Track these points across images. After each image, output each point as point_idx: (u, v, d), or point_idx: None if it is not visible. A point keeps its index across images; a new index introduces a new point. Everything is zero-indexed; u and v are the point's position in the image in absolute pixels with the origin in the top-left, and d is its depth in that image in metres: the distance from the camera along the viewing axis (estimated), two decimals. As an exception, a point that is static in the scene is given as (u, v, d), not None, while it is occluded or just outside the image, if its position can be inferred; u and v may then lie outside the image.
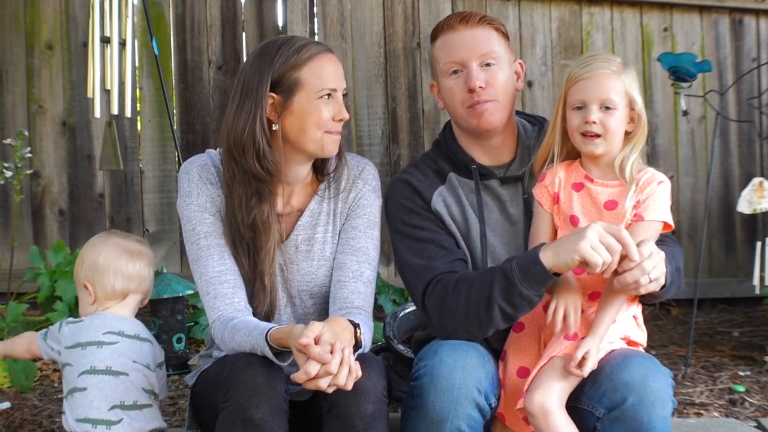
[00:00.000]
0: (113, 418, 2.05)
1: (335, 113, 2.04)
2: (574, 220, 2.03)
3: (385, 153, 4.27)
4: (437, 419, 1.88)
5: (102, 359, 2.09)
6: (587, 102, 1.99)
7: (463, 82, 2.12)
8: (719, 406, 2.96)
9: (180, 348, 3.31)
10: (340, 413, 1.83)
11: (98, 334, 2.12)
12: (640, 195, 1.99)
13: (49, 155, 4.15)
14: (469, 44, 2.12)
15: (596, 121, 1.98)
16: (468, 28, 2.14)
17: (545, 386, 1.91)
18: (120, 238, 2.27)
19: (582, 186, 2.05)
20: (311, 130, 2.03)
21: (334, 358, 1.71)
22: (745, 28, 4.47)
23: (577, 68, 2.02)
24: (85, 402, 2.07)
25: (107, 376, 2.08)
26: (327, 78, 2.03)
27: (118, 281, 2.19)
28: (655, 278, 1.87)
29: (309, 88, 2.02)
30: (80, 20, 4.11)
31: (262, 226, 2.05)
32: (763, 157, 4.47)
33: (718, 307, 4.38)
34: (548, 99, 4.35)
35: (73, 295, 3.37)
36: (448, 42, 2.16)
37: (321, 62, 2.04)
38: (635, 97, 2.00)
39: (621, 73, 1.99)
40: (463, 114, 2.15)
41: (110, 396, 2.07)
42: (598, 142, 2.00)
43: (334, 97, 2.04)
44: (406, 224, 2.16)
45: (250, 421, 1.79)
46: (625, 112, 2.00)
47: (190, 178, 2.11)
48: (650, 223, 1.99)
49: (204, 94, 4.22)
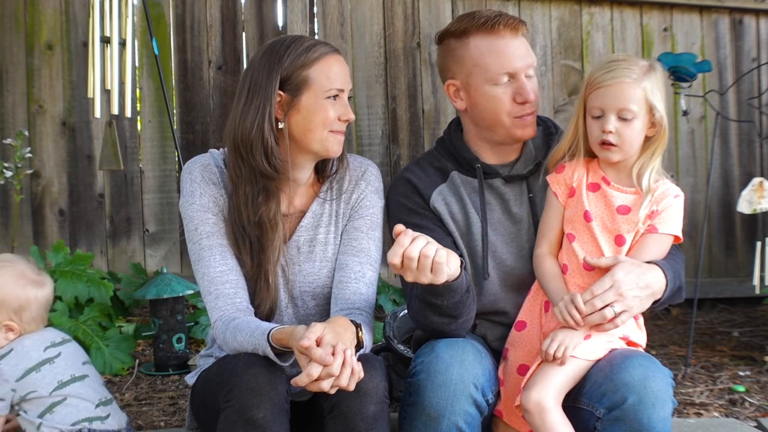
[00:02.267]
0: (102, 414, 2.10)
1: (341, 114, 2.05)
2: (587, 216, 2.03)
3: (385, 153, 4.27)
4: (434, 415, 1.89)
5: (62, 372, 2.12)
6: (605, 110, 1.99)
7: (513, 92, 2.10)
8: (719, 406, 2.96)
9: (180, 348, 3.31)
10: (342, 414, 1.83)
11: (40, 352, 2.14)
12: (656, 206, 2.01)
13: (49, 155, 4.15)
14: (522, 54, 2.11)
15: (613, 131, 1.98)
16: (515, 36, 2.11)
17: (542, 384, 1.92)
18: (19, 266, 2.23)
19: (598, 187, 2.06)
20: (317, 129, 2.03)
21: (336, 359, 1.70)
22: (745, 28, 4.47)
23: (598, 73, 2.01)
24: (72, 409, 2.09)
25: (77, 383, 2.13)
26: (335, 78, 2.04)
27: (33, 311, 2.18)
28: (622, 310, 1.92)
29: (317, 87, 2.02)
30: (80, 20, 4.11)
31: (269, 224, 2.06)
32: (763, 157, 4.47)
33: (718, 307, 4.38)
34: (548, 99, 4.34)
35: (73, 295, 3.38)
36: (496, 47, 2.09)
37: (330, 62, 2.05)
38: (655, 104, 1.99)
39: (642, 80, 1.98)
40: (506, 123, 2.13)
41: (91, 397, 2.13)
42: (614, 150, 2.01)
43: (340, 97, 2.05)
44: (405, 223, 2.15)
45: (251, 421, 1.79)
46: (645, 119, 2.00)
47: (193, 178, 2.11)
48: (662, 237, 2.02)
49: (204, 94, 4.21)
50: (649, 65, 2.02)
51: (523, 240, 2.17)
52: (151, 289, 3.29)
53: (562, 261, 2.08)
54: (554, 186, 2.09)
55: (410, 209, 2.17)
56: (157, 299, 3.27)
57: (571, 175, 2.08)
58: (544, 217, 2.13)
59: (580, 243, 2.04)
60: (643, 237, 2.01)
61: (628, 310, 1.94)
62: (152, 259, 4.20)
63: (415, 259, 1.78)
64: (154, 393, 3.11)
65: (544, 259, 2.09)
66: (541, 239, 2.12)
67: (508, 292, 2.16)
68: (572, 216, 2.06)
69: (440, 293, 1.89)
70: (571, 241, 2.05)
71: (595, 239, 2.02)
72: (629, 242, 2.02)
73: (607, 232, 2.03)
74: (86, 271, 3.46)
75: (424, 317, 1.98)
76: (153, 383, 3.22)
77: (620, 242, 2.02)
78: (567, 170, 2.09)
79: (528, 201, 2.18)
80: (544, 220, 2.13)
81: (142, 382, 3.24)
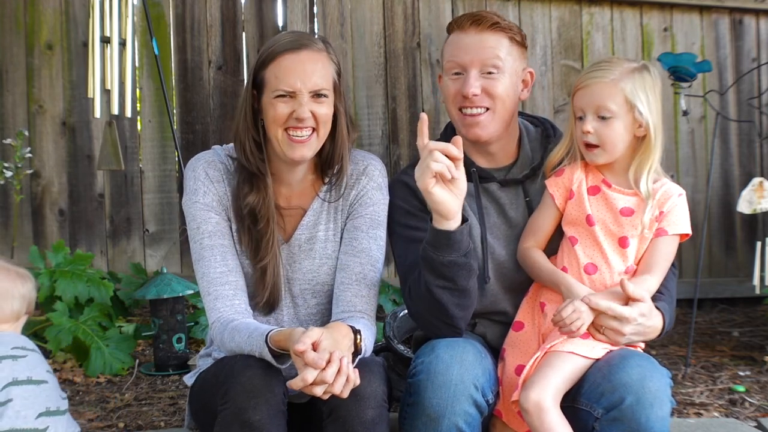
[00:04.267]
0: (40, 426, 2.04)
1: (293, 111, 2.01)
2: (590, 220, 2.03)
3: (385, 153, 4.27)
4: (434, 416, 1.89)
5: (21, 370, 2.10)
6: (585, 111, 2.00)
7: (460, 86, 2.11)
8: (719, 406, 2.96)
9: (180, 348, 3.31)
10: (340, 418, 1.83)
11: (7, 349, 2.12)
12: (660, 209, 2.01)
13: (49, 155, 4.15)
14: (475, 49, 2.10)
15: (591, 131, 1.98)
16: (478, 32, 2.10)
17: (541, 383, 1.91)
18: (2, 261, 2.24)
19: (598, 190, 2.06)
20: (271, 128, 2.05)
21: (331, 367, 1.70)
22: (745, 28, 4.47)
23: (582, 75, 2.03)
24: (11, 413, 2.06)
25: (30, 385, 2.08)
26: (282, 78, 2.01)
27: (16, 304, 2.18)
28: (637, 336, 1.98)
29: (268, 86, 2.04)
30: (80, 20, 4.11)
31: (258, 215, 2.07)
32: (763, 157, 4.47)
33: (718, 307, 4.38)
34: (548, 99, 4.35)
35: (73, 295, 3.38)
36: (455, 41, 2.14)
37: (281, 62, 2.03)
38: (636, 103, 1.97)
39: (622, 79, 1.97)
40: (455, 117, 2.17)
41: (36, 404, 2.07)
42: (597, 152, 2.00)
43: (295, 97, 2.01)
44: (402, 225, 2.16)
45: (248, 423, 1.78)
46: (626, 119, 1.99)
47: (197, 175, 2.12)
48: (674, 237, 2.03)
49: (204, 94, 4.21)
50: (638, 67, 2.01)
51: (520, 242, 2.17)
52: (151, 289, 3.29)
53: (561, 264, 2.07)
54: (552, 188, 2.09)
55: (408, 212, 2.17)
56: (157, 299, 3.27)
57: (570, 179, 2.08)
58: (535, 216, 2.13)
59: (583, 246, 2.04)
60: (654, 241, 2.02)
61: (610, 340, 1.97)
62: (152, 259, 4.20)
63: None
64: (154, 393, 3.11)
65: (531, 250, 2.10)
66: (529, 236, 2.12)
67: (507, 293, 2.16)
68: (574, 219, 2.06)
69: (439, 244, 1.90)
70: (573, 245, 2.05)
71: (599, 243, 2.02)
72: (634, 245, 2.02)
73: (610, 235, 2.03)
74: (86, 271, 3.46)
75: (425, 285, 1.95)
76: (153, 383, 3.22)
77: (624, 244, 2.02)
78: (566, 173, 2.09)
79: (525, 204, 2.18)
80: (535, 219, 2.12)
81: (142, 382, 3.24)
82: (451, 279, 1.93)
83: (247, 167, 2.08)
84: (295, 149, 2.03)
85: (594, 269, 2.02)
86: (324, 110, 2.04)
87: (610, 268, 2.02)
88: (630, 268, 2.04)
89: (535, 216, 2.13)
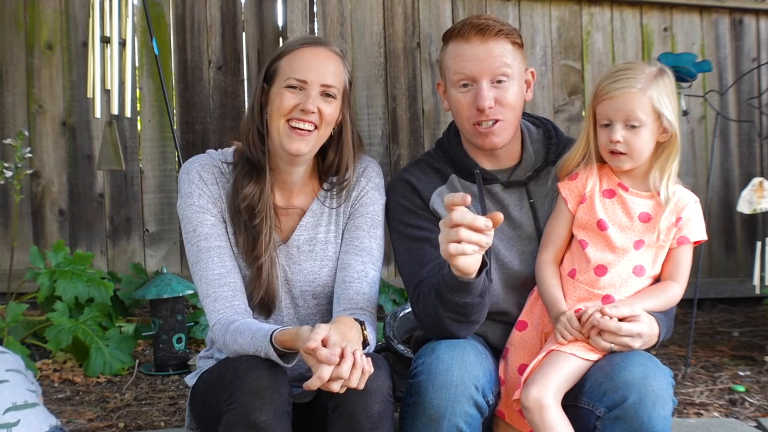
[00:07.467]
0: (11, 420, 2.07)
1: (301, 103, 2.01)
2: (602, 224, 2.03)
3: (385, 153, 4.27)
4: (435, 416, 1.88)
5: None
6: (613, 120, 2.00)
7: (472, 98, 2.08)
8: (719, 406, 2.96)
9: (180, 348, 3.31)
10: (346, 413, 1.82)
11: None
12: (676, 215, 2.02)
13: (49, 155, 4.15)
14: (483, 60, 2.07)
15: (621, 140, 1.99)
16: (483, 42, 2.07)
17: (542, 381, 1.91)
18: None
19: (614, 193, 2.06)
20: (274, 118, 2.05)
21: (345, 362, 1.70)
22: (745, 28, 4.47)
23: (605, 83, 2.02)
24: None
25: None
26: (298, 68, 2.03)
27: None
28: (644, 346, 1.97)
29: (280, 75, 2.05)
30: (80, 20, 4.11)
31: (255, 209, 2.08)
32: (763, 157, 4.48)
33: (718, 307, 4.38)
34: (548, 99, 4.35)
35: (73, 295, 3.38)
36: (460, 52, 2.09)
37: (300, 54, 2.05)
38: (663, 111, 1.99)
39: (648, 88, 1.98)
40: (468, 129, 2.14)
41: (3, 401, 2.10)
42: (624, 159, 2.02)
43: (305, 90, 2.02)
44: (404, 224, 2.16)
45: (254, 424, 1.78)
46: (653, 126, 2.01)
47: (191, 178, 2.11)
48: (692, 244, 2.06)
49: (204, 94, 4.21)
50: (657, 71, 2.02)
51: (524, 243, 2.17)
52: (151, 289, 3.29)
53: (572, 265, 2.07)
54: (564, 192, 2.09)
55: (409, 210, 2.17)
56: (157, 299, 3.27)
57: (584, 183, 2.08)
58: (551, 224, 2.12)
59: (594, 250, 2.04)
60: (677, 250, 2.04)
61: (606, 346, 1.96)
62: (152, 259, 4.20)
63: None
64: (154, 393, 3.11)
65: (547, 266, 2.09)
66: (548, 245, 2.11)
67: (510, 293, 2.16)
68: (584, 223, 2.06)
69: (456, 289, 1.87)
70: (584, 248, 2.05)
71: (612, 246, 2.02)
72: (649, 250, 2.02)
73: (624, 238, 2.02)
74: (86, 271, 3.46)
75: (434, 308, 1.95)
76: (153, 383, 3.21)
77: (638, 246, 2.02)
78: (580, 178, 2.09)
79: (529, 206, 2.17)
80: (551, 226, 2.12)
81: (142, 382, 3.24)
82: (463, 314, 1.94)
83: (249, 157, 2.09)
84: (293, 141, 2.03)
85: (604, 271, 2.02)
86: (330, 110, 2.05)
87: (622, 272, 2.02)
88: (640, 270, 2.03)
89: (550, 224, 2.13)
